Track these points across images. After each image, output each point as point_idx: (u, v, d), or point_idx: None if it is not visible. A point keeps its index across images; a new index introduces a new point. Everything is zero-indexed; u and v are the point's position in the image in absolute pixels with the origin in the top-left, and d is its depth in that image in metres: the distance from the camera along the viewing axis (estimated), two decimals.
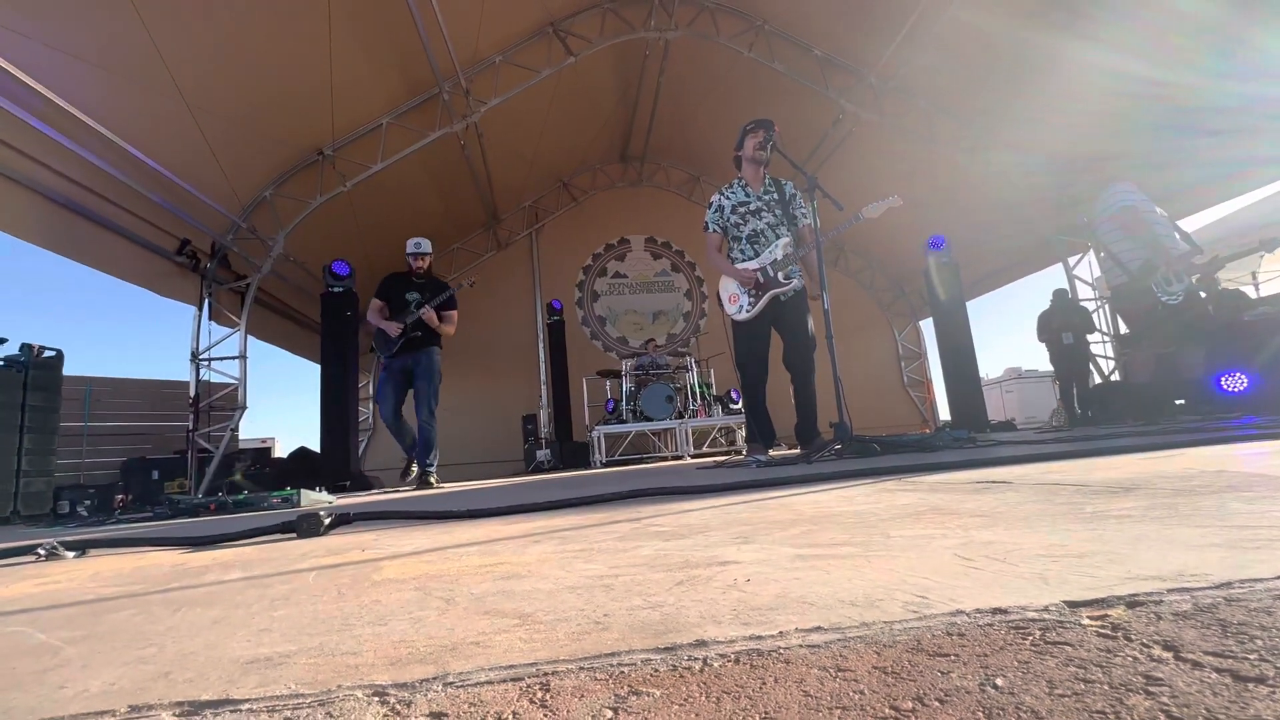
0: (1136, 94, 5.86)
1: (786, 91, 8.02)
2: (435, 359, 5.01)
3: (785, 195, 3.80)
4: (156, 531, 2.20)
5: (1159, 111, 5.92)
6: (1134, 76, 5.68)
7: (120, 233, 5.70)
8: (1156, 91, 5.73)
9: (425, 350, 4.94)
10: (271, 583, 1.00)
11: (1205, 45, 5.31)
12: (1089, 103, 6.27)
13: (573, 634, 0.58)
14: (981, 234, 8.44)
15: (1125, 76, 5.73)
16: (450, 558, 1.11)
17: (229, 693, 0.49)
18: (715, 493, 1.89)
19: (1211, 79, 5.42)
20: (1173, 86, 5.60)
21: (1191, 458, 1.69)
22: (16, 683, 0.56)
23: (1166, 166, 6.24)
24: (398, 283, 5.03)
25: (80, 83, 4.76)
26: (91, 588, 1.11)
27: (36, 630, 0.78)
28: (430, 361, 4.96)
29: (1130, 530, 0.82)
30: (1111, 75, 5.80)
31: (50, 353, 5.48)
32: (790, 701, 0.40)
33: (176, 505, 3.28)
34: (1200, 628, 0.46)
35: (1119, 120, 6.27)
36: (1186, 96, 5.66)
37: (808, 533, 1.04)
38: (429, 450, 4.91)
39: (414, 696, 0.46)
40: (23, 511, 5.03)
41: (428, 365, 4.94)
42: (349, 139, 7.05)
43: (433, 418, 4.95)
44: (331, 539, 1.58)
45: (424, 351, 4.93)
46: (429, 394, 4.93)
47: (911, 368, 11.80)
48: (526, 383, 10.63)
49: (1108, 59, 5.68)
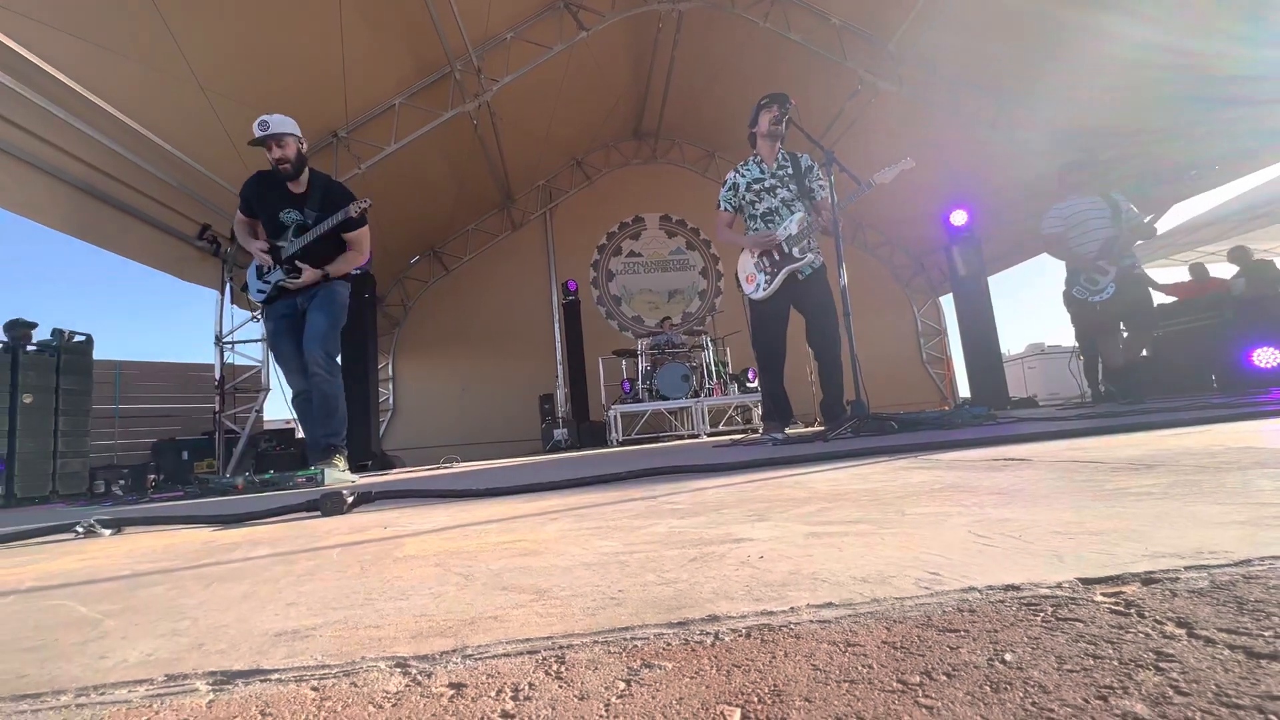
0: (1164, 64, 5.65)
1: (803, 64, 7.83)
2: (336, 289, 3.67)
3: (801, 168, 3.73)
4: (187, 510, 2.27)
5: (1188, 81, 5.71)
6: (1161, 46, 5.46)
7: (143, 219, 5.79)
8: (1184, 61, 5.52)
9: (322, 285, 3.62)
10: (297, 559, 1.03)
11: (1235, 9, 5.08)
12: (1114, 75, 6.05)
13: (587, 609, 0.59)
14: (1005, 208, 8.23)
15: (1152, 46, 5.51)
16: (469, 535, 1.14)
17: (259, 663, 0.51)
18: (730, 471, 1.89)
19: (1243, 45, 5.20)
20: (1201, 55, 5.38)
21: (1217, 434, 1.65)
22: (62, 653, 0.59)
23: (1195, 139, 6.02)
24: (269, 191, 3.59)
25: (102, 71, 4.81)
26: (127, 563, 1.16)
27: (78, 603, 0.82)
28: (329, 291, 3.62)
29: (1150, 507, 0.81)
30: (1139, 46, 5.58)
31: (80, 337, 5.63)
32: (799, 675, 0.41)
33: (206, 484, 3.38)
34: (1216, 605, 0.46)
35: (1145, 92, 6.06)
36: (1216, 64, 5.43)
37: (822, 510, 1.04)
38: (333, 413, 3.54)
39: (434, 668, 0.48)
40: (61, 491, 5.22)
41: (326, 295, 3.60)
42: (362, 121, 7.05)
43: (332, 363, 3.56)
44: (354, 517, 1.62)
45: (321, 286, 3.62)
46: (324, 328, 3.53)
47: (931, 344, 11.64)
48: (543, 363, 10.70)
49: (1134, 29, 5.46)
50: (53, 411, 5.25)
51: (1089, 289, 4.55)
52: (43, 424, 5.17)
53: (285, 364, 3.65)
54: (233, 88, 5.66)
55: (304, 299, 3.60)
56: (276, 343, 3.65)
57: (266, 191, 3.59)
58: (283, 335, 3.61)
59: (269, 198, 3.58)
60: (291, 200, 3.57)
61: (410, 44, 6.71)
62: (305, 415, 3.65)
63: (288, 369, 3.65)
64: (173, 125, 5.52)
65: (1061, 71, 6.39)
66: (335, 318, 3.60)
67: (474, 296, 10.78)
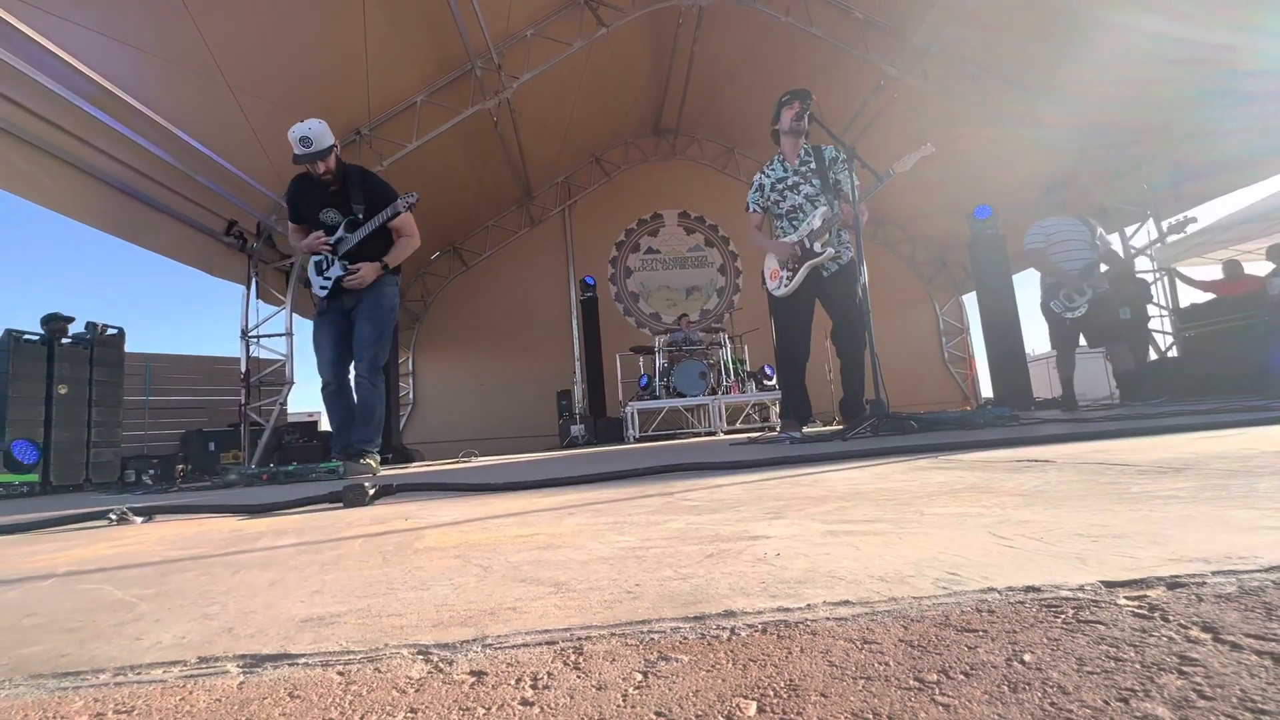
0: (1188, 58, 5.57)
1: (824, 59, 7.74)
2: (385, 294, 3.72)
3: (824, 161, 3.67)
4: (215, 499, 2.33)
5: (1214, 76, 5.60)
6: (1187, 40, 5.38)
7: (173, 215, 5.93)
8: (1211, 55, 5.43)
9: (372, 285, 3.66)
10: (322, 548, 1.06)
11: (1266, 4, 4.95)
12: (1138, 69, 5.93)
13: (605, 602, 0.60)
14: (1030, 205, 8.06)
15: (1182, 42, 5.42)
16: (488, 528, 1.15)
17: (286, 648, 0.53)
18: (747, 469, 1.89)
19: (1272, 39, 5.07)
20: (1230, 48, 5.28)
21: (1250, 438, 1.61)
22: (99, 634, 0.62)
23: (1221, 135, 5.87)
24: (306, 194, 3.67)
25: (133, 70, 4.94)
26: (159, 550, 1.19)
27: (113, 587, 0.84)
28: (377, 298, 3.67)
29: (1177, 511, 0.79)
30: (1168, 41, 5.48)
31: (112, 330, 5.79)
32: (815, 671, 0.41)
33: (227, 475, 3.46)
34: (1244, 610, 0.45)
35: (1170, 86, 5.93)
36: (1242, 60, 5.32)
37: (840, 509, 1.04)
38: (369, 420, 3.60)
39: (455, 656, 0.49)
40: (94, 480, 5.38)
41: (372, 303, 3.66)
42: (384, 118, 7.13)
43: (375, 374, 3.64)
44: (376, 509, 1.65)
45: (369, 286, 3.66)
46: (372, 340, 3.62)
47: (953, 343, 11.47)
48: (560, 359, 10.75)
49: (1158, 23, 5.37)
50: (86, 403, 5.41)
51: (1065, 305, 4.88)
52: (77, 414, 5.33)
53: (319, 355, 3.73)
54: (260, 87, 5.77)
55: (352, 300, 3.67)
56: (318, 335, 3.74)
57: (304, 195, 3.67)
58: (324, 331, 3.70)
59: (306, 201, 3.66)
60: (329, 199, 3.62)
61: (432, 41, 6.77)
62: (332, 407, 3.71)
63: (320, 360, 3.72)
64: (201, 123, 5.65)
65: (1085, 66, 6.26)
66: (382, 327, 3.68)
67: (493, 292, 10.87)
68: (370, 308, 3.64)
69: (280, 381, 7.01)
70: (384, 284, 3.71)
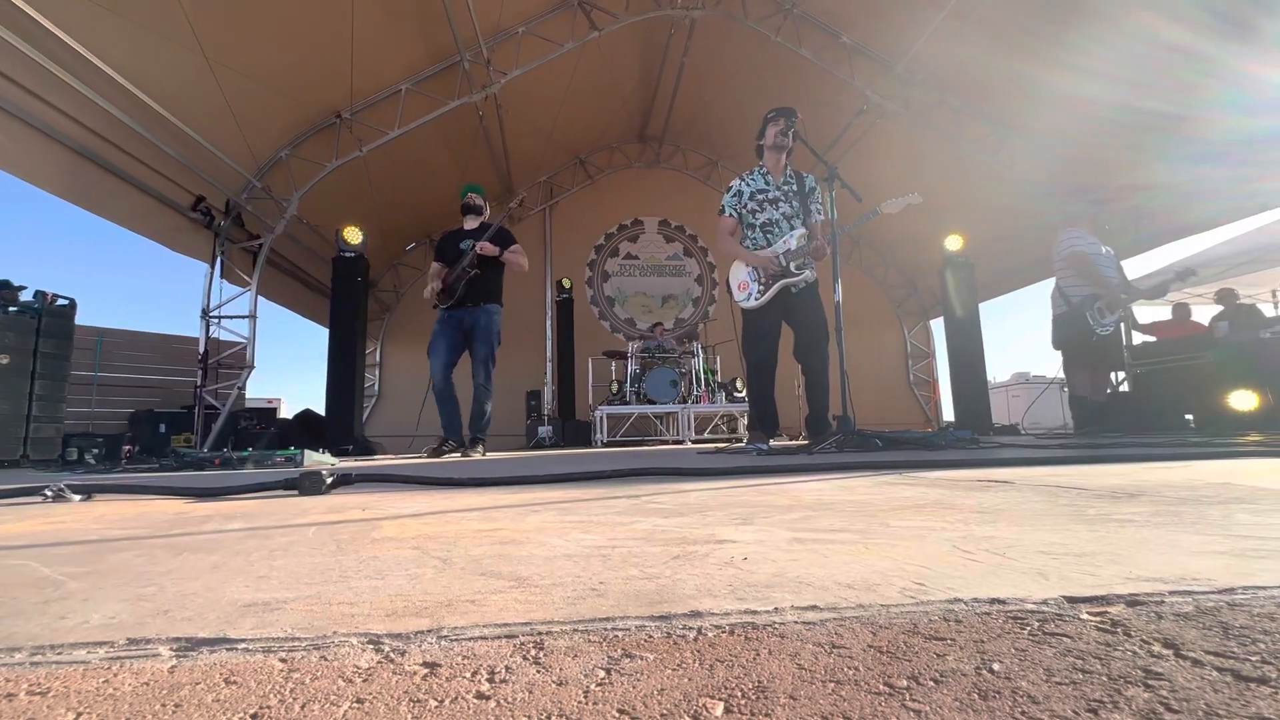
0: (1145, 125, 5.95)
1: (810, 79, 7.87)
2: (495, 319, 4.85)
3: (805, 188, 3.74)
4: (160, 480, 2.23)
5: (1175, 143, 5.96)
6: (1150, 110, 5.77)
7: (136, 185, 5.69)
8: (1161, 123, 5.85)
9: (484, 309, 4.77)
10: (272, 534, 1.01)
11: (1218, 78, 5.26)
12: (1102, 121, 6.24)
13: (568, 598, 0.58)
14: (999, 236, 8.32)
15: (1125, 109, 5.86)
16: (449, 521, 1.12)
17: (225, 632, 0.50)
18: (715, 476, 1.89)
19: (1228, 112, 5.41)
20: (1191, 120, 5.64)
21: (1197, 470, 1.67)
22: (19, 611, 0.57)
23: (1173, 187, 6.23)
24: (450, 239, 4.93)
25: (103, 31, 4.73)
26: (95, 529, 1.13)
27: (40, 564, 0.79)
28: (489, 322, 4.79)
29: (1133, 534, 0.81)
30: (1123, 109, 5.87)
31: (63, 301, 5.51)
32: (784, 673, 0.40)
33: (182, 458, 3.32)
34: (1202, 629, 0.46)
35: (1131, 139, 6.27)
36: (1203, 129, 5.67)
37: (807, 518, 1.04)
38: (481, 416, 4.80)
39: (408, 646, 0.46)
40: (32, 456, 5.10)
41: (486, 326, 4.76)
42: (367, 103, 6.99)
43: (489, 382, 4.81)
44: (333, 498, 1.60)
45: (482, 310, 4.76)
46: (486, 356, 4.76)
47: (919, 366, 11.72)
48: (532, 359, 10.63)
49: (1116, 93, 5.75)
50: (29, 375, 5.13)
51: (1098, 319, 4.53)
52: (18, 386, 5.04)
53: (434, 359, 4.73)
54: (238, 59, 5.60)
55: (470, 319, 4.75)
56: (435, 341, 4.76)
57: (449, 240, 4.95)
58: (441, 338, 4.76)
59: (450, 242, 4.91)
60: (464, 235, 4.86)
61: (421, 30, 6.67)
62: (441, 403, 4.74)
63: (434, 364, 4.72)
64: (172, 93, 5.44)
65: (1058, 111, 6.53)
66: (492, 345, 4.81)
67: None
68: (485, 330, 4.76)
69: (240, 365, 6.77)
70: (493, 311, 4.84)
